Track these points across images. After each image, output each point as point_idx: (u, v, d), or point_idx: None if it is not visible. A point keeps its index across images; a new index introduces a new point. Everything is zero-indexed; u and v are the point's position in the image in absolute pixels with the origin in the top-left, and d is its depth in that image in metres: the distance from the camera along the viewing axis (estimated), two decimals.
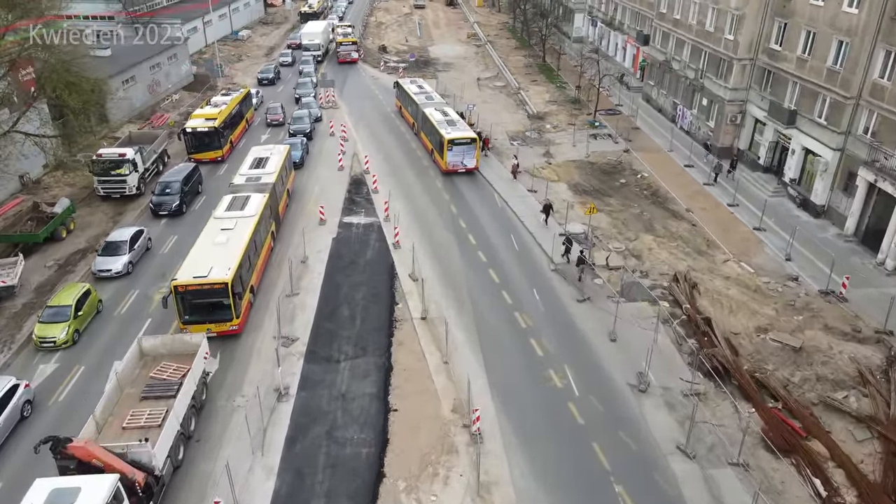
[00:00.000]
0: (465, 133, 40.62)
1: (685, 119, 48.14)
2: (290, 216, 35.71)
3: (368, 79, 64.78)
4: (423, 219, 35.57)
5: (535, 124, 51.65)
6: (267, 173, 33.94)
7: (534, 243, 33.13)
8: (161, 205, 34.78)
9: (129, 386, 20.85)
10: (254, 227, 28.40)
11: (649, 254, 32.36)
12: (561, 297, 28.65)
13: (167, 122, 49.79)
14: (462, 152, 40.38)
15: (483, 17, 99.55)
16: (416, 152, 45.30)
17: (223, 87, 60.30)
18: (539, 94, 59.50)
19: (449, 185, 40.01)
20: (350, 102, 56.74)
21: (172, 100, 56.32)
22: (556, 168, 42.86)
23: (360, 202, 37.72)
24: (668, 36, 50.84)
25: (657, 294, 28.99)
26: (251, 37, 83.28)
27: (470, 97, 56.90)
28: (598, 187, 40.22)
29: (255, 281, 27.86)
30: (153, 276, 29.80)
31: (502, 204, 37.45)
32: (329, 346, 25.29)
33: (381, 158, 44.02)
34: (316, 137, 47.94)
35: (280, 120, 50.23)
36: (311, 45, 70.28)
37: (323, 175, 41.36)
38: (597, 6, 73.51)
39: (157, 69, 55.20)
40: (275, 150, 37.03)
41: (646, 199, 38.54)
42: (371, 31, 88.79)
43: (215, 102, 44.34)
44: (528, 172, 41.58)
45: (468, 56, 74.89)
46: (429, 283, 29.09)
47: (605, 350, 25.19)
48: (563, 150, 45.73)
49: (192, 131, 40.88)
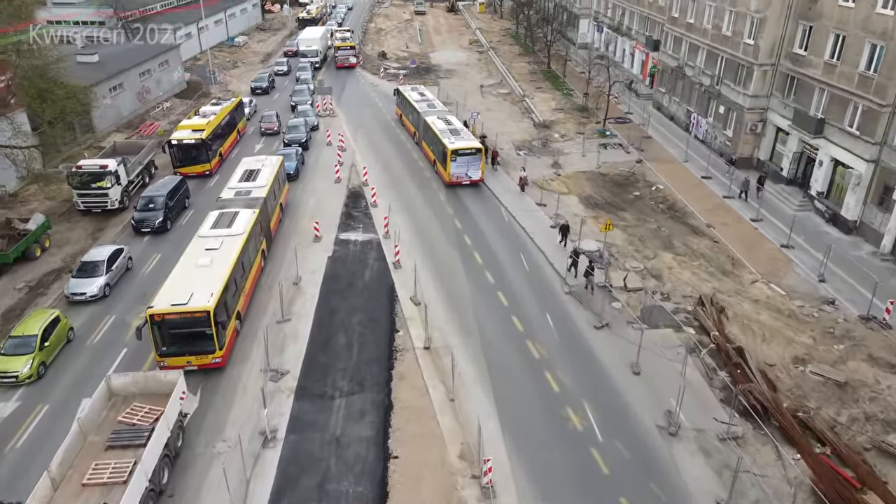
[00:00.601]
0: (469, 143, 38.30)
1: (700, 128, 45.84)
2: (282, 232, 33.32)
3: (368, 86, 62.58)
4: (426, 235, 33.19)
5: (541, 133, 49.37)
6: (258, 187, 31.58)
7: (545, 262, 30.72)
8: (143, 221, 32.36)
9: (94, 432, 18.38)
10: (241, 246, 26.00)
11: (670, 274, 29.96)
12: (576, 323, 26.21)
13: (157, 131, 47.51)
14: (466, 163, 38.05)
15: (485, 23, 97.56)
16: (418, 163, 42.98)
17: (217, 94, 58.13)
18: (545, 101, 57.27)
19: (452, 198, 37.65)
20: (348, 110, 54.49)
21: (163, 107, 54.05)
22: (565, 180, 40.51)
23: (357, 217, 35.32)
24: (680, 41, 48.64)
25: (681, 319, 26.57)
26: (247, 43, 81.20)
27: (473, 105, 54.60)
28: (611, 200, 37.86)
29: (242, 306, 25.42)
30: (132, 300, 27.36)
31: (510, 219, 35.06)
32: (322, 380, 22.82)
33: (380, 169, 41.69)
34: (312, 147, 45.63)
35: (275, 129, 47.93)
36: (308, 52, 68.12)
37: (319, 187, 38.99)
38: (603, 11, 71.44)
39: (147, 76, 52.96)
40: (267, 162, 34.68)
41: (662, 214, 36.17)
42: (371, 37, 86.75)
43: (204, 112, 41.88)
44: (537, 184, 39.23)
45: (470, 63, 72.76)
46: (432, 307, 26.65)
47: (628, 384, 22.73)
48: (572, 161, 43.41)
49: (178, 143, 38.32)
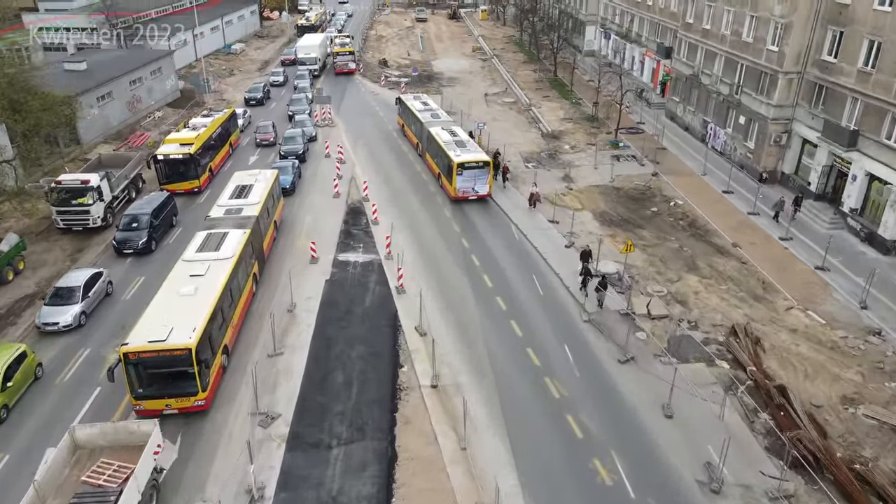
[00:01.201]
0: (476, 156, 36.00)
1: (718, 139, 43.58)
2: (276, 253, 30.95)
3: (368, 94, 60.39)
4: (431, 256, 30.83)
5: (550, 144, 47.10)
6: (250, 204, 29.24)
7: (560, 286, 28.34)
8: (126, 241, 29.95)
9: (53, 495, 15.94)
10: (230, 271, 23.63)
11: (696, 299, 27.58)
12: (598, 356, 23.79)
13: (146, 143, 45.23)
14: (473, 177, 35.74)
15: (487, 30, 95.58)
16: (421, 176, 40.67)
17: (211, 103, 55.90)
18: (552, 110, 55.06)
19: (459, 214, 35.32)
20: (348, 120, 52.25)
21: (155, 117, 51.81)
22: (578, 194, 38.18)
23: (357, 235, 32.97)
24: (695, 48, 46.47)
25: (713, 351, 24.19)
26: (245, 50, 79.14)
27: (478, 114, 52.39)
28: (628, 217, 35.53)
29: (229, 339, 23.00)
30: (109, 330, 24.95)
31: (520, 237, 32.70)
32: (318, 425, 20.39)
33: (381, 183, 39.37)
34: (310, 159, 43.34)
35: (271, 140, 45.66)
36: (307, 59, 65.93)
37: (316, 203, 36.65)
38: (610, 18, 69.41)
39: (138, 84, 50.74)
40: (260, 176, 32.35)
41: (683, 232, 33.83)
42: (371, 44, 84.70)
43: (193, 125, 39.36)
44: (548, 200, 36.90)
45: (474, 70, 70.63)
46: (439, 338, 24.26)
47: (661, 430, 20.30)
48: (584, 174, 41.10)
49: (165, 159, 35.74)
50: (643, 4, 59.85)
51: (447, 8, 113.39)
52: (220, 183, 35.59)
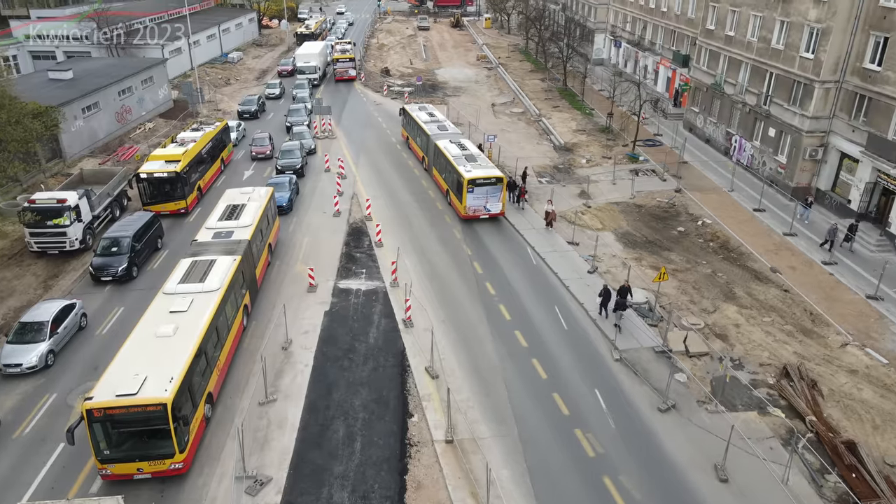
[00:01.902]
0: (488, 171, 33.27)
1: (743, 152, 40.88)
2: (270, 280, 28.12)
3: (370, 104, 57.78)
4: (441, 283, 28.00)
5: (563, 157, 44.40)
6: (241, 226, 26.46)
7: (585, 318, 25.51)
8: (104, 268, 27.08)
9: None
10: (217, 306, 20.82)
11: (738, 333, 24.74)
12: (634, 402, 20.91)
13: (134, 156, 42.49)
14: (485, 195, 33.00)
15: (492, 38, 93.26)
16: (428, 192, 37.91)
17: (205, 114, 53.29)
18: (563, 121, 52.42)
19: (470, 234, 32.55)
20: (349, 131, 49.59)
21: (145, 129, 49.13)
22: (597, 213, 35.41)
23: (360, 259, 30.15)
24: (717, 55, 43.87)
25: (763, 395, 21.33)
26: (242, 59, 76.65)
27: (486, 125, 49.80)
28: (653, 238, 32.75)
29: (214, 385, 20.13)
30: (80, 371, 22.10)
31: (538, 261, 29.90)
32: (315, 492, 17.46)
33: (385, 201, 36.60)
34: (308, 174, 40.60)
35: (267, 153, 42.95)
36: (306, 68, 63.34)
37: (315, 223, 33.85)
38: (621, 25, 66.96)
39: (127, 94, 48.09)
40: (254, 195, 29.61)
41: (715, 255, 31.04)
42: (372, 53, 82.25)
43: (182, 140, 36.36)
44: (565, 218, 34.17)
45: (479, 80, 68.11)
46: (453, 381, 21.44)
47: (716, 498, 17.39)
48: (602, 190, 38.36)
49: (148, 177, 32.73)
50: (657, 11, 57.38)
51: (450, 16, 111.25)
52: (211, 202, 32.84)
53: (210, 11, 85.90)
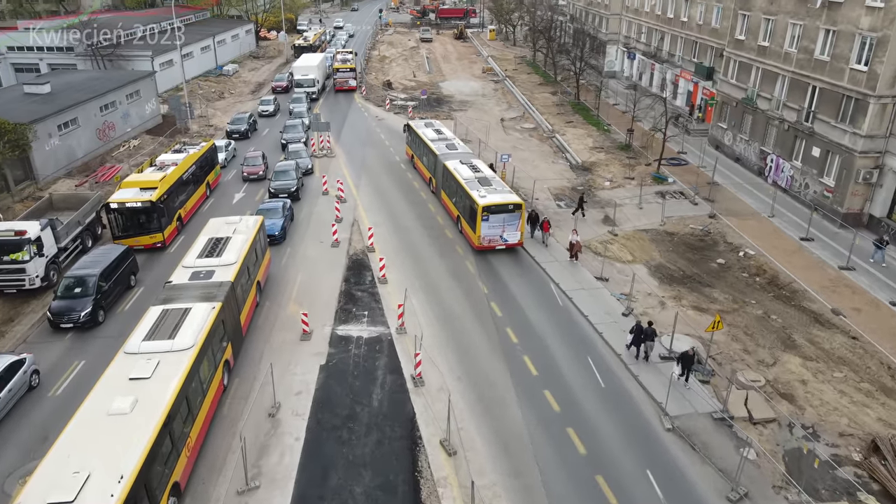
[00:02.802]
0: (505, 197, 29.70)
1: (781, 173, 37.34)
2: (258, 326, 24.41)
3: (371, 119, 54.34)
4: (454, 328, 24.31)
5: (582, 178, 40.86)
6: (224, 265, 22.82)
7: (623, 372, 21.81)
8: (64, 313, 23.33)
9: None
10: (188, 370, 17.14)
11: (806, 392, 21.04)
12: (696, 488, 17.17)
13: (114, 177, 38.92)
14: (502, 223, 29.40)
15: (497, 50, 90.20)
16: (436, 218, 34.30)
17: (196, 130, 49.86)
18: (579, 138, 48.95)
19: (485, 268, 28.91)
20: (350, 149, 46.10)
21: (130, 146, 45.64)
22: (625, 242, 31.80)
23: (361, 299, 26.45)
24: (748, 67, 40.47)
25: (850, 474, 17.61)
26: (238, 72, 73.44)
27: (496, 142, 46.37)
28: (690, 272, 29.12)
29: (182, 472, 16.33)
30: (26, 445, 18.37)
31: (564, 302, 26.23)
32: None
33: (389, 228, 32.99)
34: (305, 197, 37.01)
35: (260, 173, 39.40)
36: (304, 81, 59.94)
37: (311, 254, 30.20)
38: (635, 37, 63.77)
39: (110, 109, 44.64)
40: (240, 226, 26.00)
41: (764, 292, 27.39)
42: (374, 65, 79.04)
43: (161, 162, 32.63)
44: (590, 248, 30.59)
45: (486, 93, 64.80)
46: (475, 458, 17.74)
47: None
48: (627, 215, 34.77)
49: (120, 207, 28.66)
50: (676, 21, 54.15)
51: (453, 28, 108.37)
52: (194, 231, 29.22)
53: (206, 22, 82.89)
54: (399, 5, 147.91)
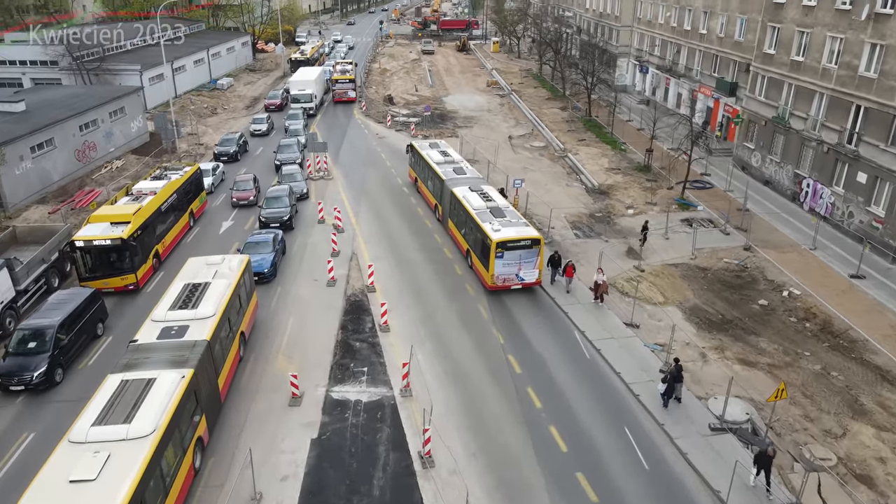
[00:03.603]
0: (521, 230, 26.52)
1: (819, 199, 34.17)
2: (239, 387, 21.09)
3: (372, 138, 51.27)
4: (468, 389, 21.03)
5: (599, 203, 37.71)
6: (201, 318, 19.59)
7: (669, 447, 18.51)
8: (14, 373, 20.03)
9: None
10: (144, 467, 13.85)
11: (886, 474, 17.77)
12: None
13: (90, 204, 35.72)
14: (518, 260, 26.20)
15: (501, 63, 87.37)
16: (443, 251, 31.10)
17: (185, 149, 46.79)
18: (593, 158, 45.86)
19: (500, 311, 25.67)
20: (348, 171, 42.98)
21: (113, 168, 42.53)
22: (654, 279, 28.58)
23: (360, 351, 23.18)
24: (778, 84, 37.43)
25: None
26: (233, 86, 70.48)
27: (505, 163, 43.31)
28: (730, 315, 25.88)
29: None
30: None
31: (592, 354, 22.97)
32: None
33: (391, 263, 29.77)
34: (299, 226, 33.82)
35: (251, 198, 36.23)
36: (301, 96, 56.96)
37: (304, 295, 26.95)
38: (648, 49, 60.85)
39: (92, 128, 41.57)
40: (223, 268, 22.80)
41: (818, 341, 24.14)
42: (374, 78, 76.16)
43: (138, 192, 29.27)
44: (616, 287, 27.39)
45: (492, 108, 61.84)
46: None
47: None
48: (653, 246, 31.57)
49: (86, 246, 25.23)
50: (694, 34, 51.21)
51: (455, 40, 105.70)
52: (174, 268, 25.96)
53: (200, 34, 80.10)
54: (400, 17, 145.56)
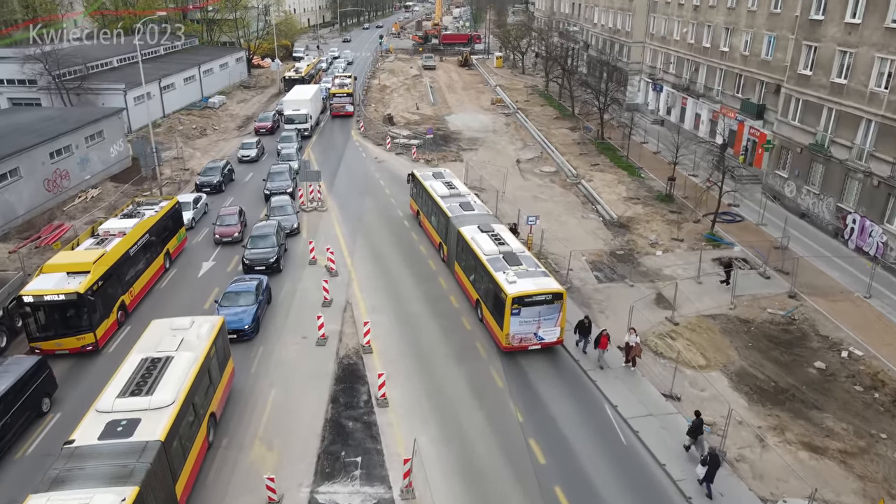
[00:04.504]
0: (540, 283, 22.94)
1: (867, 237, 30.68)
2: (206, 485, 17.44)
3: (370, 162, 47.84)
4: (482, 487, 17.33)
5: (620, 239, 34.19)
6: (156, 408, 15.95)
7: None
8: None
9: None
10: None
11: None
12: None
13: (53, 244, 32.11)
14: (537, 317, 22.62)
15: (505, 78, 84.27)
16: (449, 299, 27.49)
17: (168, 176, 43.36)
18: (609, 185, 42.39)
19: (516, 378, 22.05)
20: (344, 201, 39.50)
21: (87, 197, 39.05)
22: (690, 334, 24.96)
23: (353, 435, 19.47)
24: (815, 108, 34.08)
25: None
26: (225, 104, 67.20)
27: (514, 191, 39.93)
28: (784, 382, 22.26)
29: None
30: None
31: (628, 437, 19.30)
32: None
33: (390, 315, 26.12)
34: (287, 267, 30.23)
35: (235, 234, 32.70)
36: (295, 117, 53.53)
37: (288, 357, 23.31)
38: (662, 67, 57.63)
39: (65, 154, 38.15)
40: (190, 334, 19.18)
41: (891, 417, 20.51)
42: (373, 95, 72.98)
43: (104, 233, 25.55)
44: (648, 346, 23.80)
45: (497, 128, 58.49)
46: None
47: None
48: (685, 293, 27.95)
49: (35, 302, 21.41)
50: (714, 51, 47.93)
51: (457, 54, 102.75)
52: (143, 319, 22.36)
53: (192, 50, 76.97)
54: (400, 31, 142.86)
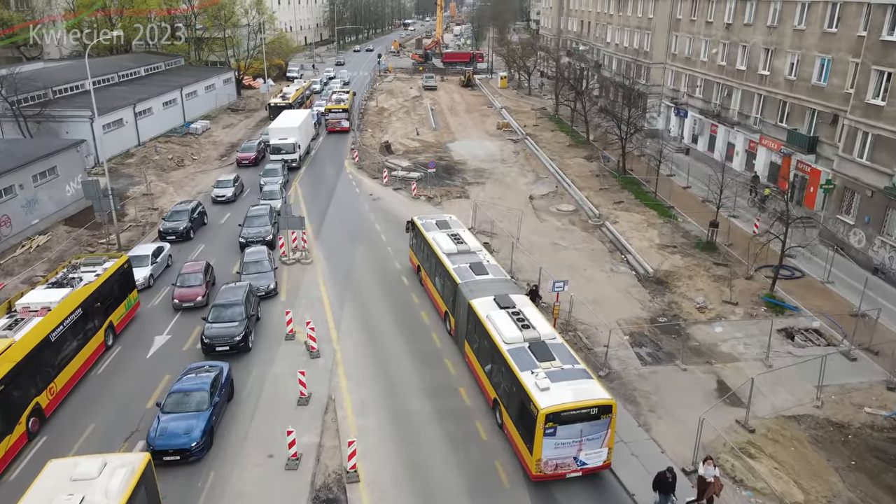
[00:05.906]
0: (581, 392, 17.18)
1: None
2: None
3: (365, 199, 42.28)
4: None
5: (659, 300, 28.56)
6: None
7: None
8: None
9: None
10: None
11: None
12: None
13: None
14: (577, 437, 16.92)
15: (511, 100, 79.27)
16: (458, 393, 21.70)
17: (132, 218, 37.83)
18: (638, 229, 36.80)
19: None
20: (332, 249, 33.91)
21: (32, 246, 33.47)
22: (773, 448, 19.19)
23: None
24: (889, 144, 28.69)
25: None
26: (209, 129, 61.88)
27: (529, 236, 34.51)
28: None
29: None
30: None
31: None
32: None
33: (383, 419, 20.28)
34: (258, 344, 24.46)
35: (199, 298, 27.04)
36: (282, 146, 48.09)
37: (246, 489, 17.37)
38: (687, 90, 52.44)
39: (5, 197, 32.66)
40: (94, 492, 13.40)
41: None
42: (371, 119, 67.77)
43: (24, 308, 20.02)
44: (721, 466, 18.06)
45: (505, 157, 53.14)
46: None
47: None
48: (756, 382, 22.03)
49: None
50: (751, 74, 42.63)
51: (459, 74, 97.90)
52: (64, 426, 16.61)
53: (177, 71, 71.96)
54: (399, 49, 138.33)
